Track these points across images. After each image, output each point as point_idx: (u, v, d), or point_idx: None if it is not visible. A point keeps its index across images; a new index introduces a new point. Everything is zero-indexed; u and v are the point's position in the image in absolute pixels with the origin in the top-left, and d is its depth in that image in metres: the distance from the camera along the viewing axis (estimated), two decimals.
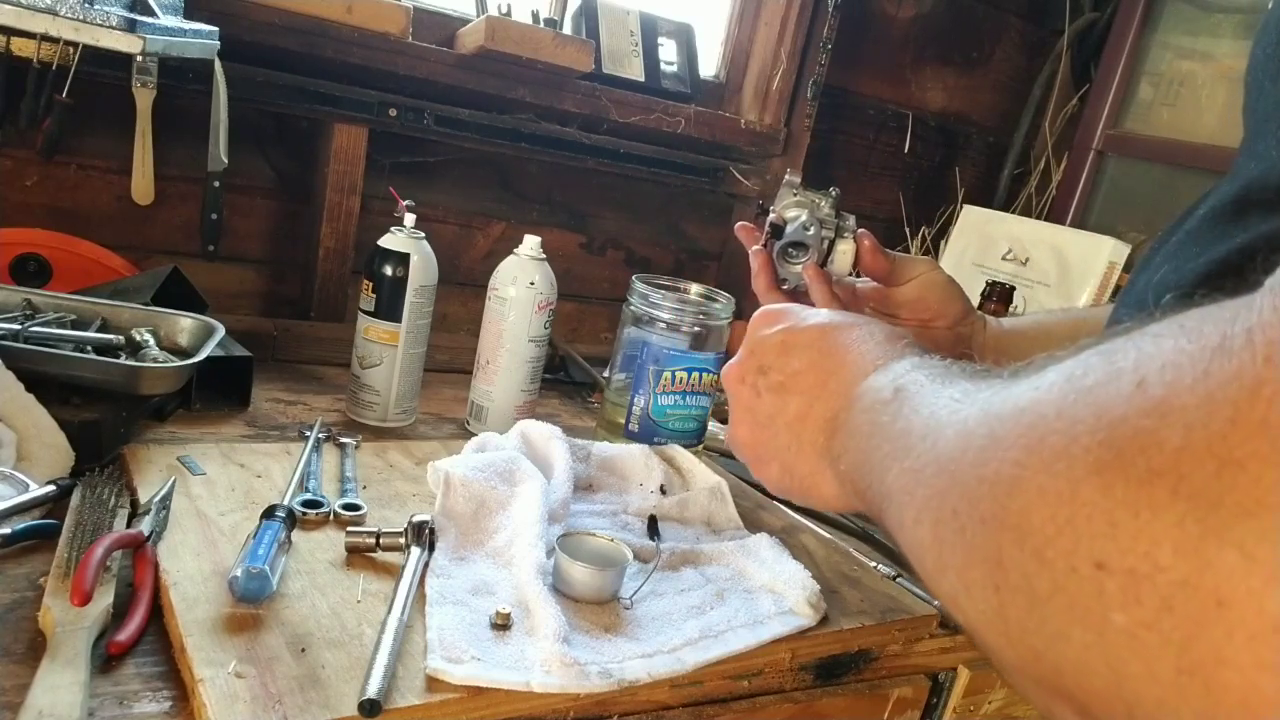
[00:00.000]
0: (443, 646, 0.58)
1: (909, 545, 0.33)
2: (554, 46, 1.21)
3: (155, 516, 0.67)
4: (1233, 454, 0.20)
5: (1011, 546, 0.26)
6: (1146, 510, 0.22)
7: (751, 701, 0.68)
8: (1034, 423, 0.26)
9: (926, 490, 0.31)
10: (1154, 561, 0.21)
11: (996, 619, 0.27)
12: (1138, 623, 0.22)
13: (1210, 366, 0.21)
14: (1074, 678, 0.25)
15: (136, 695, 0.52)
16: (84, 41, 0.87)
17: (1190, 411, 0.21)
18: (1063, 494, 0.24)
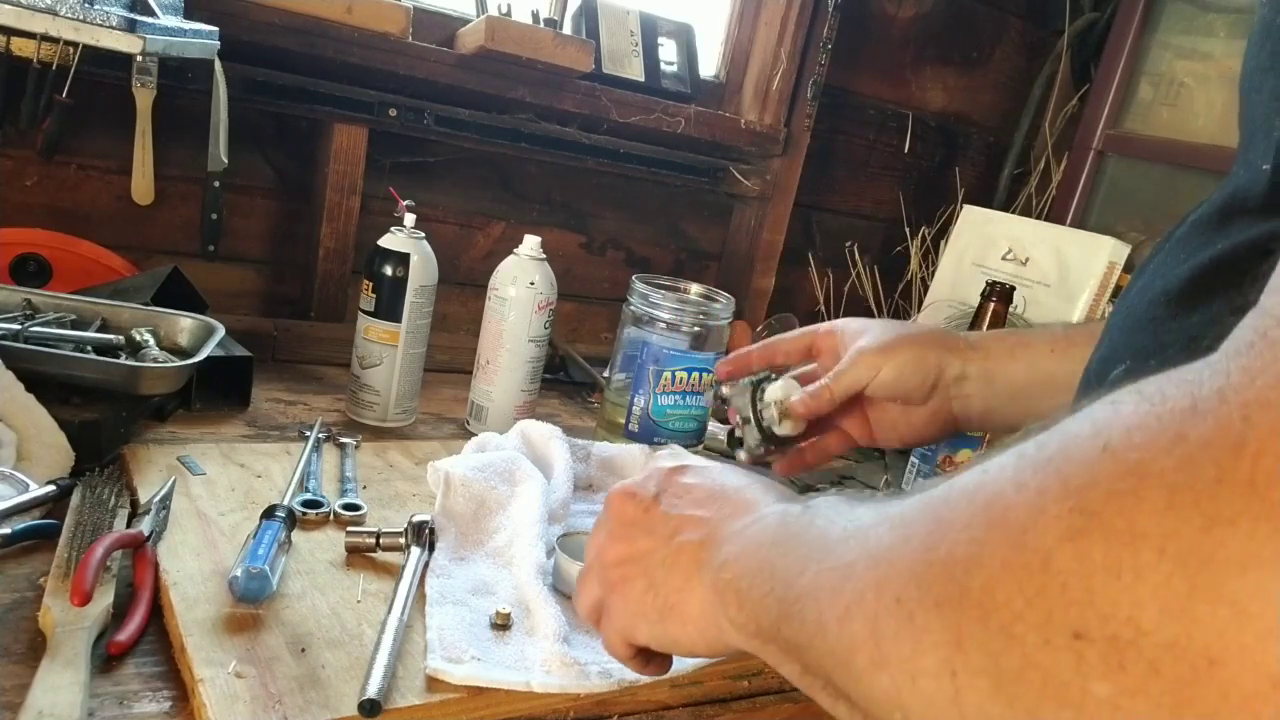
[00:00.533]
0: (443, 646, 0.58)
1: (834, 645, 0.31)
2: (554, 46, 1.21)
3: (155, 516, 0.67)
4: (1221, 512, 0.20)
5: (973, 625, 0.25)
6: (1130, 573, 0.21)
7: (751, 701, 0.68)
8: (990, 500, 0.25)
9: (858, 584, 0.30)
10: (1138, 625, 0.21)
11: (951, 708, 0.26)
12: (1122, 691, 0.21)
13: (1184, 429, 0.21)
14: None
15: (136, 695, 0.52)
16: (84, 41, 0.87)
17: (1170, 473, 0.21)
18: (1032, 565, 0.23)
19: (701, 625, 0.43)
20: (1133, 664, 0.21)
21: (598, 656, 0.61)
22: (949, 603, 0.26)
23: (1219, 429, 0.21)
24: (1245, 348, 0.22)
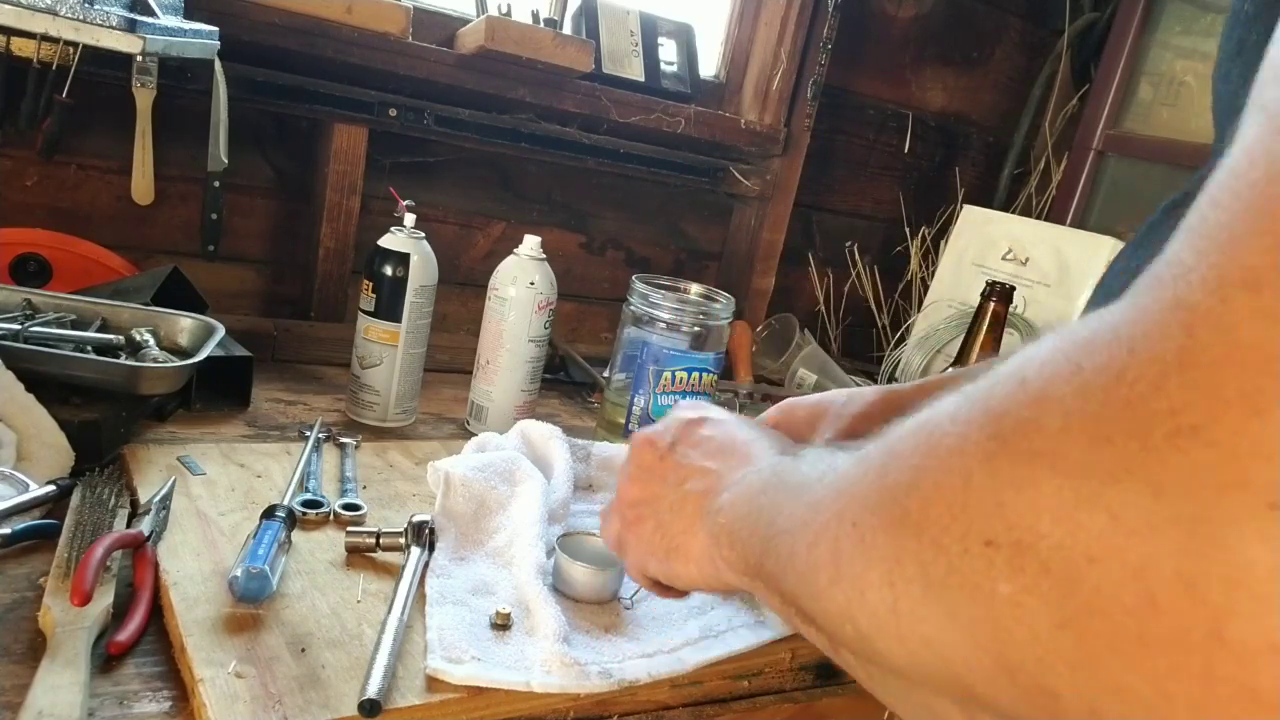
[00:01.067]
0: (443, 646, 0.58)
1: (800, 570, 0.35)
2: (554, 46, 1.21)
3: (155, 516, 0.67)
4: (1101, 431, 0.23)
5: (910, 540, 0.28)
6: (1030, 487, 0.24)
7: (751, 701, 0.68)
8: (930, 431, 0.29)
9: (825, 516, 0.34)
10: (1035, 531, 0.24)
11: (890, 616, 0.29)
12: (1021, 589, 0.24)
13: (1081, 360, 0.24)
14: (962, 660, 0.27)
15: (136, 695, 0.52)
16: (84, 41, 0.87)
17: (1068, 400, 0.24)
18: (956, 485, 0.27)
19: (701, 564, 0.47)
20: (1029, 565, 0.24)
21: (598, 656, 0.61)
22: (893, 523, 0.29)
23: (1109, 359, 0.24)
24: (1143, 289, 0.24)
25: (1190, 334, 0.22)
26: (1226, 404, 0.21)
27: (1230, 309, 0.21)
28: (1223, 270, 0.22)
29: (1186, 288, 0.23)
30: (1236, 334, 0.21)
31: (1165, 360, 0.22)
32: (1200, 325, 0.22)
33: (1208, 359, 0.22)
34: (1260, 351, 0.21)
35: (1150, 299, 0.23)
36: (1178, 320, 0.22)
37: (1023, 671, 0.25)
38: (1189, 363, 0.22)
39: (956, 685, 0.28)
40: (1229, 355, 0.21)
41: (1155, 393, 0.22)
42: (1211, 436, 0.21)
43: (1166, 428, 0.22)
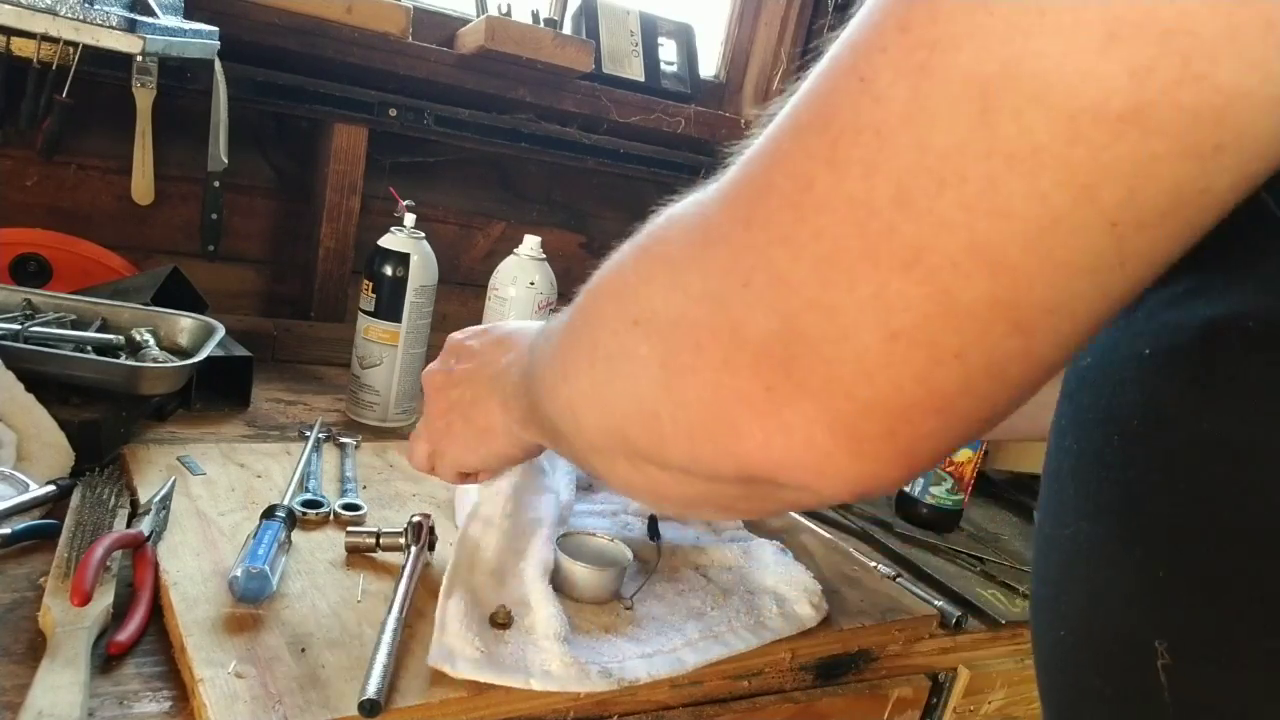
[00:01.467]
0: (445, 642, 0.58)
1: (546, 389, 0.47)
2: (554, 46, 1.21)
3: (155, 516, 0.67)
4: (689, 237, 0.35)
5: (597, 329, 0.40)
6: (651, 279, 0.36)
7: (751, 701, 0.68)
8: (609, 262, 0.41)
9: (556, 341, 0.46)
10: (653, 308, 0.35)
11: (590, 390, 0.40)
12: (650, 349, 0.35)
13: (700, 197, 0.35)
14: (620, 410, 0.38)
15: (136, 695, 0.52)
16: (84, 41, 0.87)
17: (680, 221, 0.36)
18: (618, 285, 0.39)
19: (502, 434, 0.59)
20: (653, 333, 0.35)
21: (597, 656, 0.61)
22: (588, 319, 0.42)
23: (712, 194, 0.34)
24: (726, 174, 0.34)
25: (736, 176, 0.33)
26: (736, 221, 0.32)
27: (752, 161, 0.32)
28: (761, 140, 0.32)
29: (749, 149, 0.33)
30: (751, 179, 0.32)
31: (724, 192, 0.33)
32: (743, 170, 0.33)
33: (738, 195, 0.33)
34: (756, 189, 0.32)
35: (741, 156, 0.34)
36: (735, 170, 0.33)
37: (646, 405, 0.36)
38: (731, 197, 0.33)
39: (619, 436, 0.39)
40: (745, 193, 0.32)
41: (715, 214, 0.33)
42: (729, 240, 0.32)
43: (715, 235, 0.33)
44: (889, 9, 0.29)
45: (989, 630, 0.82)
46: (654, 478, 0.40)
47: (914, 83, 0.27)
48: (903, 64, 0.28)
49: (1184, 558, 0.33)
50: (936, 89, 0.27)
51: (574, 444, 0.46)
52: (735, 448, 0.33)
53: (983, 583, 0.89)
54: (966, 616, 0.81)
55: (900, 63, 0.28)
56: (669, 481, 0.40)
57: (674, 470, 0.38)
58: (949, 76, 0.27)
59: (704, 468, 0.36)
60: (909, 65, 0.27)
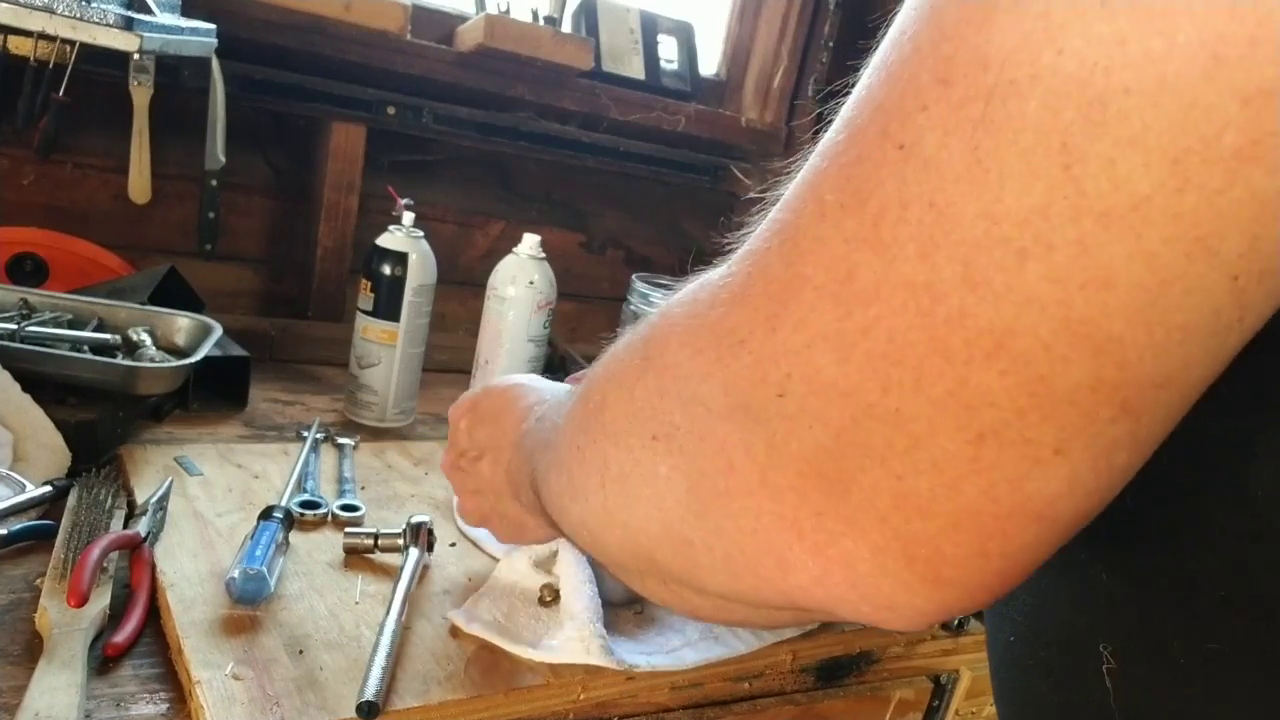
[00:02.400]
0: (474, 605, 0.63)
1: (555, 505, 0.43)
2: (553, 44, 1.21)
3: (152, 517, 0.66)
4: (697, 345, 0.31)
5: (608, 446, 0.36)
6: (662, 394, 0.32)
7: (752, 703, 0.68)
8: (611, 359, 0.38)
9: (559, 454, 0.42)
10: (673, 424, 0.32)
11: (603, 511, 0.37)
12: (671, 467, 0.32)
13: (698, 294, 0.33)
14: (644, 533, 0.34)
15: (133, 697, 0.52)
16: (81, 39, 0.86)
17: (680, 324, 0.33)
18: (625, 397, 0.35)
19: (534, 528, 0.58)
20: (674, 449, 0.32)
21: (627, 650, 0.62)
22: (596, 436, 0.37)
23: (709, 293, 0.32)
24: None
25: (749, 272, 0.30)
26: (757, 324, 0.29)
27: (765, 252, 0.29)
28: (769, 227, 0.30)
29: (754, 240, 0.30)
30: (769, 273, 0.29)
31: (734, 291, 0.30)
32: (755, 265, 0.30)
33: (754, 293, 0.29)
34: (779, 285, 0.28)
35: (741, 250, 0.31)
36: (746, 265, 0.30)
37: (674, 530, 0.32)
38: (743, 295, 0.30)
39: (646, 560, 0.35)
40: (764, 290, 0.29)
41: (725, 317, 0.30)
42: (751, 347, 0.29)
43: (729, 341, 0.30)
44: (918, 62, 0.25)
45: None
46: (689, 600, 0.37)
47: (972, 141, 0.24)
48: (952, 121, 0.24)
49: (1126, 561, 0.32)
50: (1003, 146, 0.23)
51: (597, 560, 0.43)
52: (782, 582, 0.29)
53: None
54: (968, 618, 0.81)
55: (949, 121, 0.24)
56: (707, 606, 0.36)
57: (712, 596, 0.34)
58: (1017, 130, 0.23)
59: (747, 598, 0.32)
60: (961, 122, 0.24)
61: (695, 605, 0.37)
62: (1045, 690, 0.37)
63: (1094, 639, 0.33)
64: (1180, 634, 0.31)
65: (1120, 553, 0.32)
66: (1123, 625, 0.33)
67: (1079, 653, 0.34)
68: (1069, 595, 0.35)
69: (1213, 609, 0.30)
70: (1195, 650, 0.30)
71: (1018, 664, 0.39)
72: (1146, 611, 0.32)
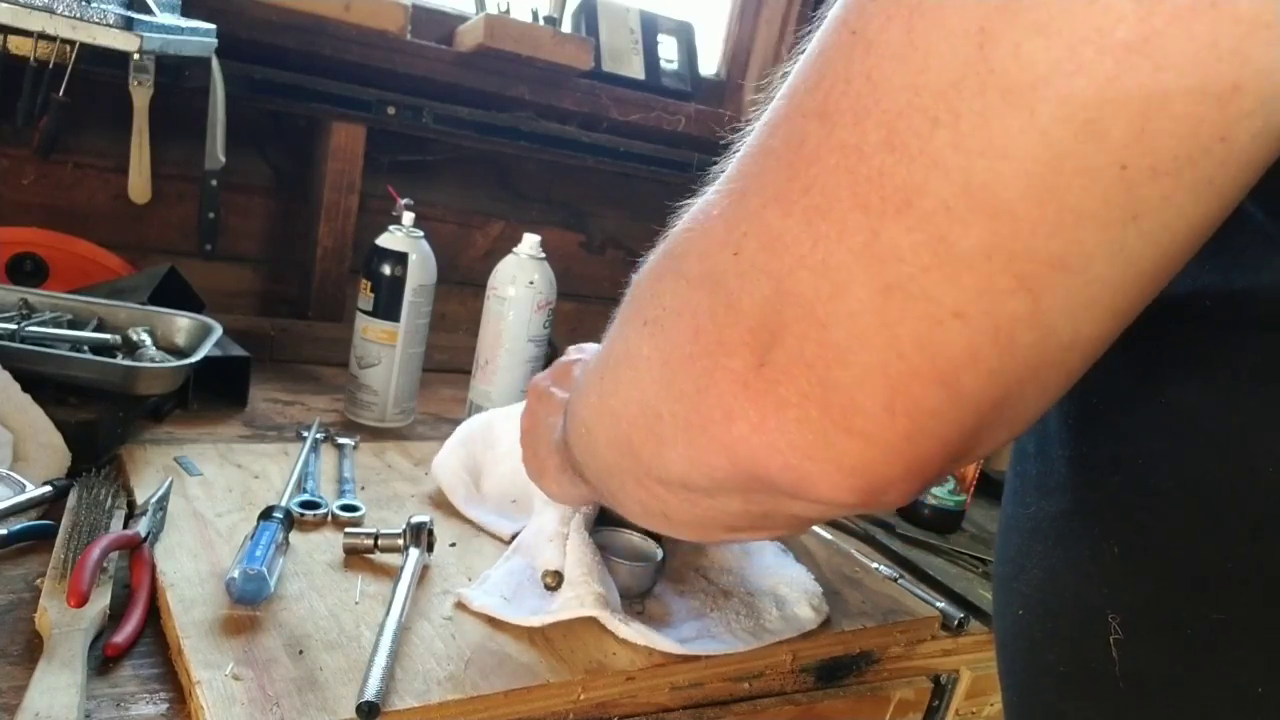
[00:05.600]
0: (481, 585, 0.65)
1: (577, 430, 0.45)
2: (553, 44, 1.21)
3: (152, 517, 0.66)
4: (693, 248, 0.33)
5: (615, 340, 0.39)
6: (662, 278, 0.35)
7: (753, 703, 0.68)
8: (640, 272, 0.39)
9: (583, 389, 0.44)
10: (661, 306, 0.34)
11: (597, 400, 0.40)
12: (652, 346, 0.34)
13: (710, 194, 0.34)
14: (625, 415, 0.37)
15: (133, 697, 0.52)
16: (81, 39, 0.86)
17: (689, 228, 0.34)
18: (634, 290, 0.37)
19: (558, 478, 0.59)
20: (657, 331, 0.34)
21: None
22: (607, 339, 0.40)
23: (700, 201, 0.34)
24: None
25: (738, 154, 0.33)
26: (732, 194, 0.32)
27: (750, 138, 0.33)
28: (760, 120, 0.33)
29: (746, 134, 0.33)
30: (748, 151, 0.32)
31: (724, 176, 0.33)
32: (742, 149, 0.33)
33: (734, 173, 0.32)
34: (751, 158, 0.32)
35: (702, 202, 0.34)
36: (740, 148, 0.33)
37: (649, 406, 0.35)
38: (727, 177, 0.33)
39: (626, 446, 0.38)
40: (740, 168, 0.32)
41: (711, 197, 0.33)
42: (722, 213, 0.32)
43: (707, 213, 0.33)
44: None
45: (991, 632, 0.82)
46: (661, 497, 0.39)
47: (908, 24, 0.26)
48: (894, 8, 0.27)
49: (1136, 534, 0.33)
50: (931, 28, 0.26)
51: (592, 470, 0.44)
52: (726, 435, 0.31)
53: (985, 584, 0.89)
54: (969, 618, 0.81)
55: (891, 7, 0.27)
56: (675, 502, 0.38)
57: (676, 486, 0.36)
58: (945, 14, 0.26)
59: (701, 471, 0.34)
60: (900, 8, 0.27)
61: (665, 502, 0.39)
62: (1051, 660, 0.38)
63: (1102, 610, 0.34)
64: (1188, 606, 0.31)
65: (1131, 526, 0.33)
66: (1132, 597, 0.33)
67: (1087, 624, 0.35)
68: (1079, 568, 0.35)
69: (1222, 583, 0.30)
70: (1202, 622, 0.31)
71: (1026, 636, 0.39)
72: (1156, 584, 0.32)
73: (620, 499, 0.43)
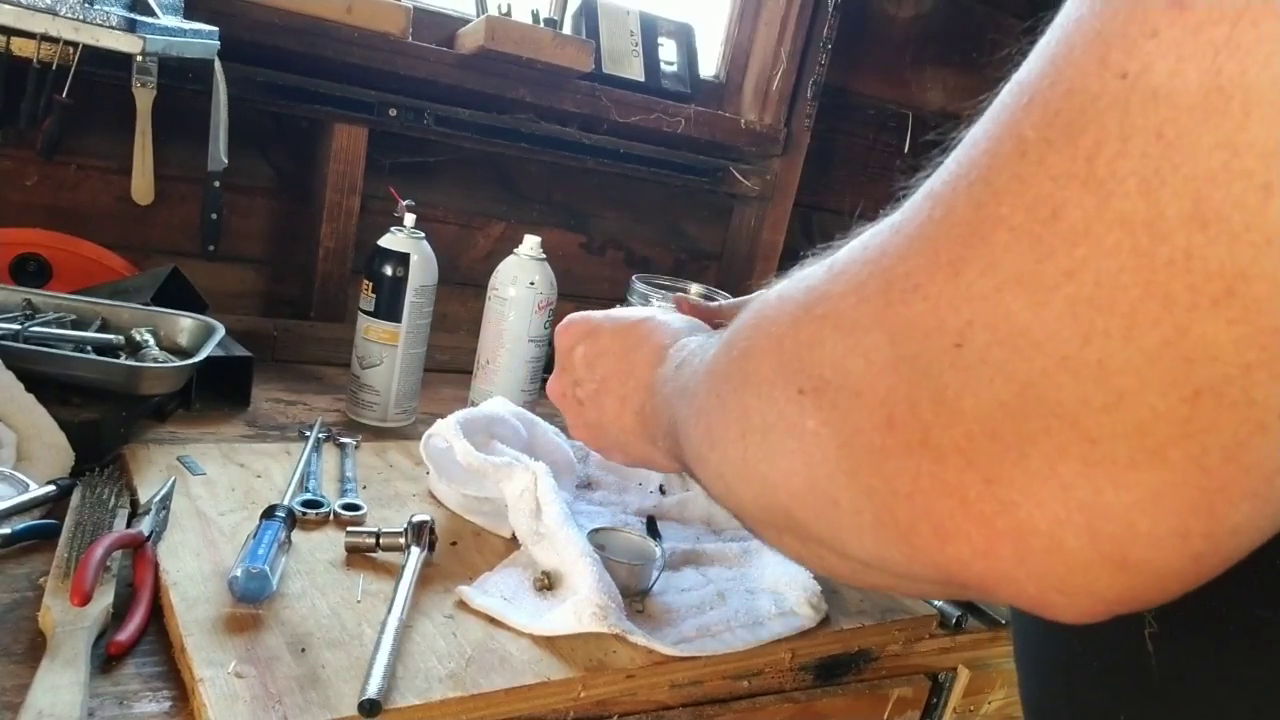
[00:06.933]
0: (484, 582, 0.66)
1: (693, 453, 0.41)
2: (554, 46, 1.21)
3: (155, 516, 0.67)
4: (864, 292, 0.29)
5: (750, 397, 0.34)
6: (819, 344, 0.30)
7: (752, 701, 0.68)
8: (761, 308, 0.35)
9: (699, 403, 0.40)
10: (823, 378, 0.30)
11: (741, 462, 0.35)
12: (820, 423, 0.30)
13: (868, 241, 0.31)
14: (785, 488, 0.33)
15: (136, 695, 0.52)
16: (84, 41, 0.86)
17: (849, 270, 0.30)
18: (774, 348, 0.33)
19: (654, 459, 0.55)
20: (824, 404, 0.30)
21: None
22: (739, 385, 0.35)
23: (881, 241, 0.30)
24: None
25: (930, 215, 0.28)
26: (939, 267, 0.26)
27: (951, 195, 0.27)
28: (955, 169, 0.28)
29: (933, 183, 0.29)
30: (954, 214, 0.27)
31: (910, 235, 0.28)
32: (937, 207, 0.28)
33: (935, 235, 0.27)
34: (966, 226, 0.26)
35: (917, 195, 0.29)
36: (925, 208, 0.28)
37: (820, 488, 0.31)
38: (921, 239, 0.28)
39: (785, 515, 0.34)
40: (949, 232, 0.27)
41: (900, 262, 0.28)
42: (927, 292, 0.27)
43: (902, 287, 0.28)
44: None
45: (989, 630, 0.82)
46: (827, 560, 0.35)
47: (1212, 67, 0.21)
48: (1189, 47, 0.22)
49: None
50: (1251, 71, 0.21)
51: (734, 514, 0.41)
52: (938, 554, 0.27)
53: None
54: (967, 616, 0.81)
55: (1184, 46, 0.22)
56: (845, 570, 0.34)
57: (854, 561, 0.32)
58: (1269, 53, 0.21)
59: (895, 567, 0.30)
60: (1200, 47, 0.22)
61: (832, 566, 0.35)
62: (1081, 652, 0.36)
63: None
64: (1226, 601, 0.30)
65: None
66: None
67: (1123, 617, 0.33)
68: None
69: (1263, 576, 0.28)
70: (1241, 617, 0.30)
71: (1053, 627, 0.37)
72: None
73: (768, 541, 0.40)
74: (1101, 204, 0.23)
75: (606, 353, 0.57)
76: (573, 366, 0.60)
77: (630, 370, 0.55)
